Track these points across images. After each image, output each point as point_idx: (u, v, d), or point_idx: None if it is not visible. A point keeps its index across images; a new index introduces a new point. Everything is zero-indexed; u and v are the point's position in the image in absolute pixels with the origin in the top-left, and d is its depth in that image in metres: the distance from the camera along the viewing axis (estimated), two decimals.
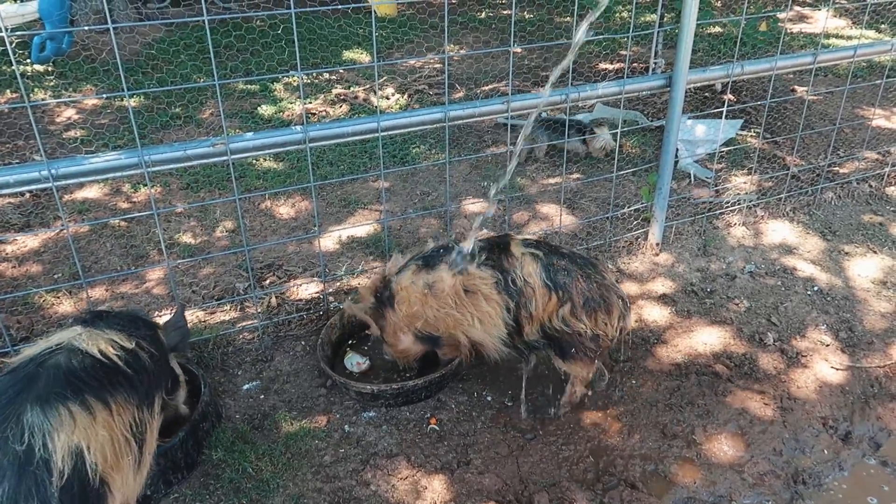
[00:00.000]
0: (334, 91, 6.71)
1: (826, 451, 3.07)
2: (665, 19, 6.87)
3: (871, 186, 5.05)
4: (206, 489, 2.85)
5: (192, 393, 3.10)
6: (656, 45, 6.75)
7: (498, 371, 3.42)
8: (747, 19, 6.84)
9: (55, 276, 4.06)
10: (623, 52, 7.94)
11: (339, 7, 5.59)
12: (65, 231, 4.43)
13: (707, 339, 3.65)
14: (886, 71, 6.67)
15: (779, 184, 5.02)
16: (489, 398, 3.32)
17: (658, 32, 6.67)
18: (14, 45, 5.25)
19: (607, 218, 4.49)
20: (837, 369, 3.44)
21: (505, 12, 9.69)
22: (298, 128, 3.28)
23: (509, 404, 3.26)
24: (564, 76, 3.22)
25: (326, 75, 7.19)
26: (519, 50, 7.89)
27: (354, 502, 2.80)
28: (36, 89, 6.52)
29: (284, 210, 4.79)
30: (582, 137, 5.36)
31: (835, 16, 9.20)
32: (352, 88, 6.81)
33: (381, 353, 3.41)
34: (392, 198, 4.93)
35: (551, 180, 5.16)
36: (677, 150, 4.75)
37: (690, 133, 5.65)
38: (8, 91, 6.42)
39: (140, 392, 2.36)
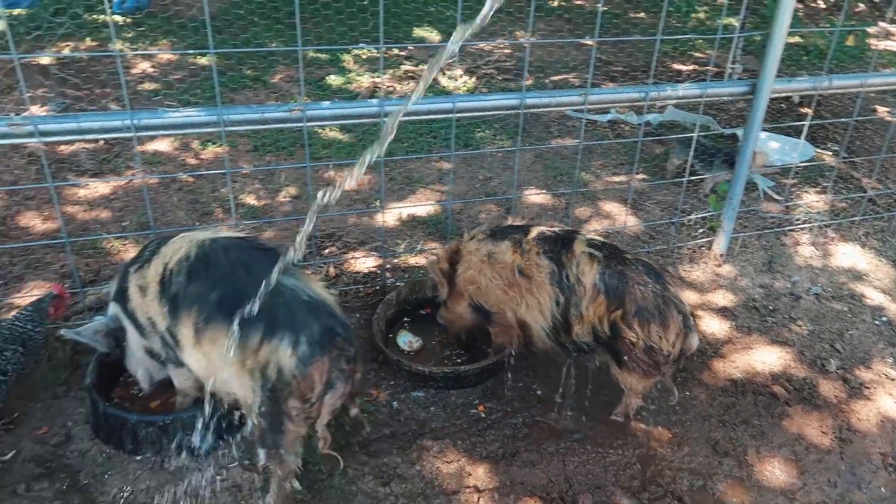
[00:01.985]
0: (403, 67, 6.69)
1: (884, 489, 2.96)
2: (746, 24, 6.64)
3: None
4: (251, 446, 2.89)
5: None
6: (735, 50, 6.55)
7: (549, 366, 3.38)
8: (839, 31, 6.58)
9: (123, 224, 4.15)
10: (696, 54, 7.75)
11: None
12: (136, 181, 4.53)
13: (766, 358, 3.55)
14: None
15: (853, 206, 4.85)
16: (539, 392, 3.29)
17: (738, 37, 6.47)
18: None
19: (672, 223, 4.39)
20: None
21: (578, 2, 9.52)
22: (375, 101, 3.27)
23: (559, 401, 3.23)
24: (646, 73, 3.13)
25: (395, 51, 7.18)
26: (591, 42, 7.75)
27: (398, 480, 2.81)
28: (115, 39, 6.65)
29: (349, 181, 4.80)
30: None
31: None
32: (420, 66, 6.78)
33: (433, 335, 3.42)
34: (454, 180, 4.91)
35: (616, 178, 5.07)
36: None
37: (764, 145, 5.48)
38: (88, 39, 6.56)
39: None
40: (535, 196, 4.74)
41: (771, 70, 3.73)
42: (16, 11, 6.99)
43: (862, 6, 9.58)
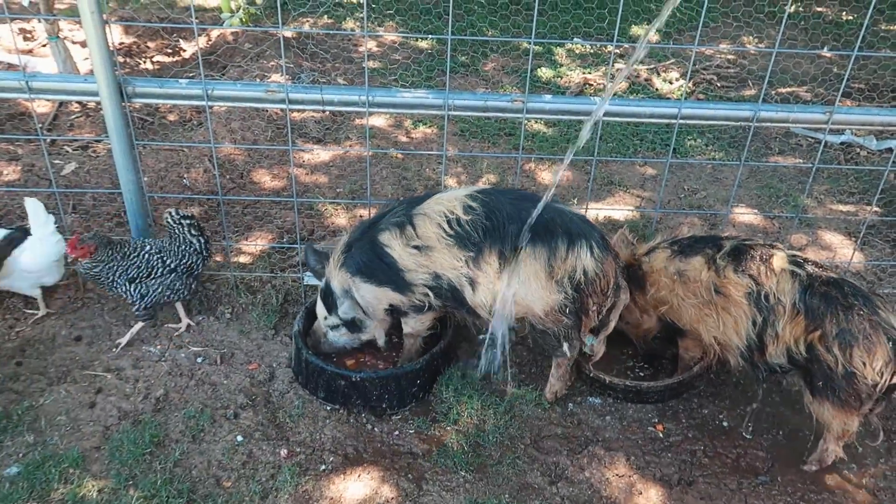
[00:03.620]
0: (616, 65, 6.52)
1: None
2: None
3: None
4: (428, 417, 3.02)
5: (433, 335, 3.26)
6: None
7: (739, 398, 3.17)
8: None
9: (337, 191, 4.49)
10: None
11: None
12: (353, 152, 4.88)
13: None
14: None
15: None
16: (725, 423, 3.09)
17: None
18: None
19: None
20: None
21: (819, 9, 8.65)
22: (597, 99, 3.22)
23: (748, 437, 3.01)
24: None
25: (609, 47, 7.01)
26: (829, 55, 7.02)
27: (566, 481, 2.79)
28: (347, 18, 7.17)
29: (546, 176, 4.81)
30: None
31: None
32: (635, 65, 6.56)
33: (617, 342, 3.33)
34: (656, 187, 4.72)
35: (843, 207, 4.58)
36: None
37: None
38: (325, 16, 7.14)
39: None
40: (746, 215, 4.41)
41: None
42: None
43: None
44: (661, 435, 3.03)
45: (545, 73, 6.34)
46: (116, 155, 3.18)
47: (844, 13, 8.50)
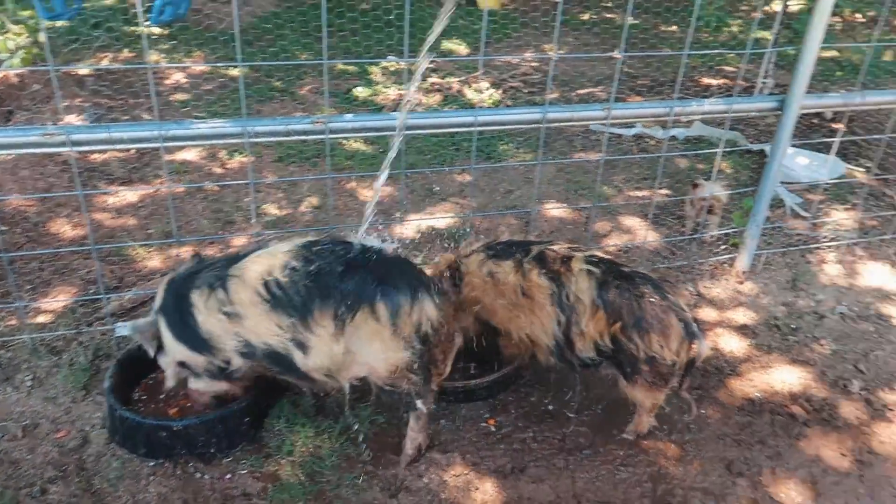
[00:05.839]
0: (429, 80, 6.74)
1: None
2: (779, 38, 6.55)
3: None
4: (261, 453, 2.93)
5: None
6: (767, 65, 6.46)
7: (562, 381, 3.37)
8: (876, 46, 6.44)
9: (149, 232, 4.25)
10: (727, 68, 7.66)
11: None
12: (163, 190, 4.65)
13: (786, 377, 3.48)
14: None
15: (884, 224, 4.73)
16: (551, 407, 3.28)
17: (770, 52, 6.37)
18: (142, 7, 5.51)
19: (693, 239, 4.34)
20: None
21: (609, 16, 9.49)
22: (396, 114, 3.31)
23: (571, 416, 3.21)
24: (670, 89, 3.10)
25: (419, 63, 7.23)
26: (618, 56, 7.71)
27: (406, 492, 2.82)
28: (151, 51, 6.83)
29: (369, 192, 4.86)
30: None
31: None
32: (447, 79, 6.82)
33: None
34: (474, 192, 4.92)
35: (638, 193, 5.03)
36: None
37: (791, 161, 5.39)
38: (126, 50, 6.76)
39: None
40: (556, 210, 4.72)
41: (800, 86, 3.67)
42: (58, 24, 7.21)
43: None
44: (493, 429, 3.15)
45: (362, 92, 6.42)
46: None
47: (628, 18, 9.40)
